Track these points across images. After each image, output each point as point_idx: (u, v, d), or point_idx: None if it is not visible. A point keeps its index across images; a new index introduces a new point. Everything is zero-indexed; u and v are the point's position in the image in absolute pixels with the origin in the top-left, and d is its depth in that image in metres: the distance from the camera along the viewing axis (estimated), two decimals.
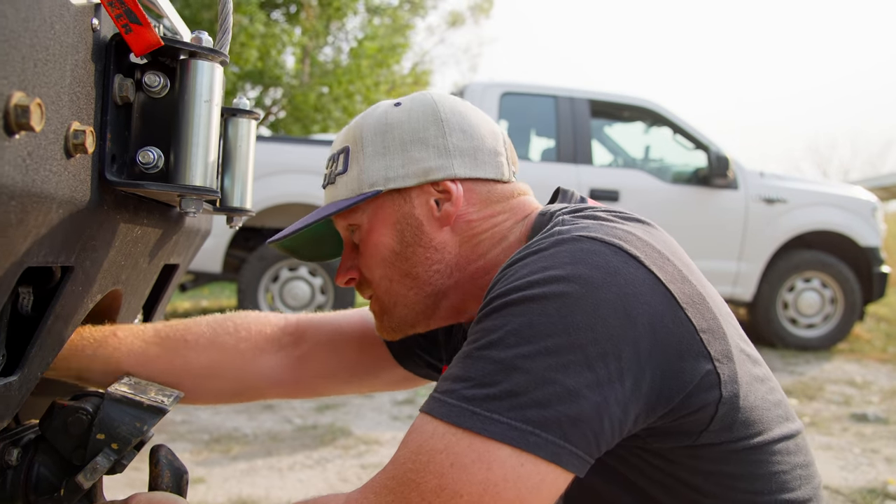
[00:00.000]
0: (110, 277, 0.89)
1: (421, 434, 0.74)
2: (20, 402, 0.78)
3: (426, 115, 0.94)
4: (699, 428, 0.78)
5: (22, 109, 0.53)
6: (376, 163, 0.93)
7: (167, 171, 0.81)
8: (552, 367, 0.70)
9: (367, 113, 0.99)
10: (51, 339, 0.79)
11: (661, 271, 0.77)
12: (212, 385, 1.11)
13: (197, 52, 0.79)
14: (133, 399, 0.93)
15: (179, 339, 1.09)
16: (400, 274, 0.95)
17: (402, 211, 0.94)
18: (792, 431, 0.86)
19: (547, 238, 0.80)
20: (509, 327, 0.73)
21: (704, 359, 0.76)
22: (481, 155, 0.95)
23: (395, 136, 0.93)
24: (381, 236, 0.94)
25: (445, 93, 1.01)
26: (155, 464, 0.96)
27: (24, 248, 0.61)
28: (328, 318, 1.20)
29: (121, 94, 0.75)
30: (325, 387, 1.22)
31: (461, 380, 0.74)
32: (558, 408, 0.70)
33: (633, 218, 0.88)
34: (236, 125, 1.02)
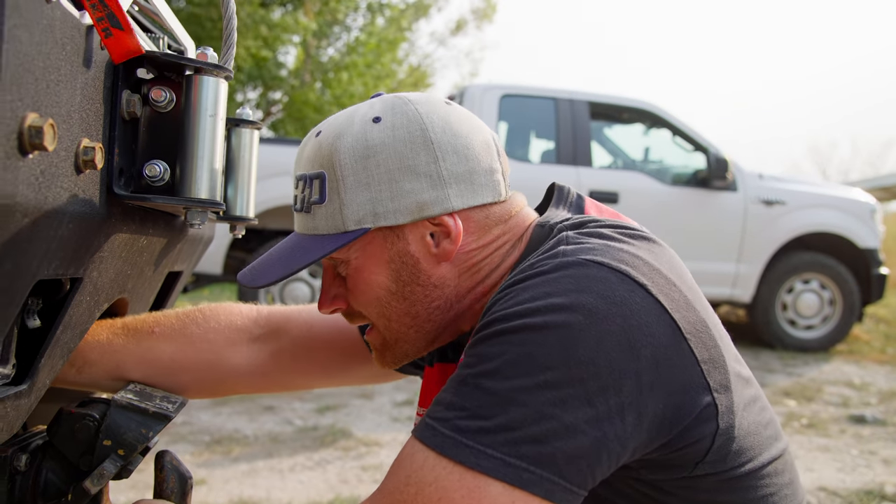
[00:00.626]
0: (117, 287, 0.91)
1: (411, 463, 0.72)
2: (30, 409, 0.80)
3: (413, 136, 0.83)
4: (695, 459, 0.76)
5: (35, 130, 0.55)
6: (360, 195, 0.83)
7: (173, 183, 0.83)
8: (550, 401, 0.68)
9: (338, 127, 0.86)
10: (59, 349, 0.81)
11: (668, 299, 0.75)
12: (181, 378, 1.07)
13: (202, 68, 0.81)
14: (139, 406, 0.95)
15: (146, 331, 1.05)
16: (399, 314, 0.89)
17: (395, 248, 0.85)
18: (780, 451, 0.86)
19: (550, 259, 0.77)
20: (507, 357, 0.70)
21: (704, 391, 0.75)
22: (478, 178, 0.86)
23: (379, 162, 0.82)
24: (375, 275, 0.87)
25: (429, 97, 0.90)
26: (160, 469, 0.98)
27: (35, 262, 0.63)
28: (301, 313, 1.16)
29: (128, 110, 0.77)
30: (298, 382, 1.19)
31: (455, 408, 0.71)
32: (555, 444, 0.68)
33: (640, 235, 0.84)
34: (239, 135, 1.04)
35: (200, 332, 1.08)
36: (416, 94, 0.89)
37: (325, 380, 1.20)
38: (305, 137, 0.90)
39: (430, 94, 0.90)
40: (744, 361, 0.89)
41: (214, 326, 1.09)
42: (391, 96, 0.88)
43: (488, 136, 0.90)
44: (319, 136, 0.87)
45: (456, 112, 0.88)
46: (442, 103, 0.88)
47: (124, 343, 1.04)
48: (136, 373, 1.04)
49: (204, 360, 1.08)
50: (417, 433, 0.74)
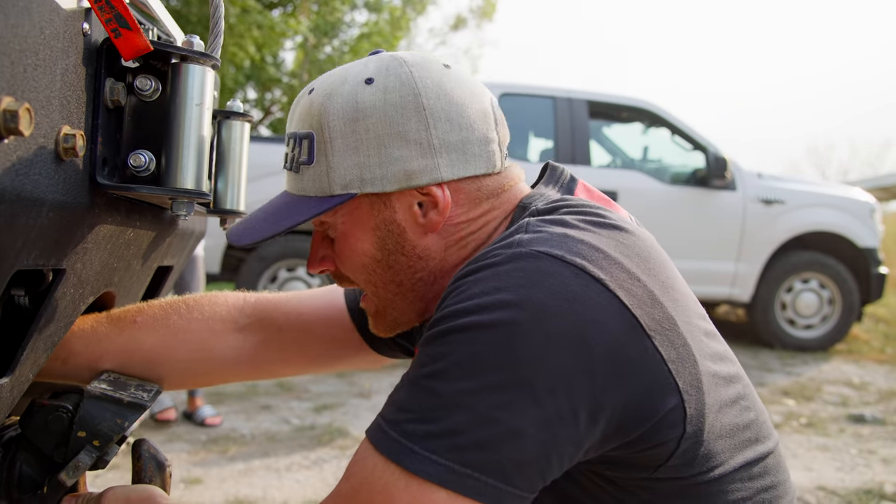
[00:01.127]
0: (103, 280, 0.90)
1: (363, 468, 0.71)
2: (12, 404, 0.79)
3: (405, 100, 0.79)
4: (657, 462, 0.73)
5: (11, 114, 0.54)
6: (348, 159, 0.80)
7: (158, 174, 0.81)
8: (496, 404, 0.65)
9: (330, 86, 0.83)
10: (42, 342, 0.79)
11: (628, 295, 0.70)
12: (165, 368, 1.04)
13: (188, 56, 0.80)
14: (113, 396, 0.93)
15: (129, 321, 1.02)
16: (384, 281, 0.87)
17: (381, 216, 0.83)
18: (759, 454, 0.80)
19: (504, 249, 0.73)
20: (454, 357, 0.67)
21: (672, 391, 0.70)
22: (471, 147, 0.82)
23: (368, 126, 0.79)
24: (360, 242, 0.85)
25: (427, 57, 0.85)
26: (137, 458, 0.96)
27: (13, 252, 0.62)
28: (291, 300, 1.13)
29: (112, 98, 0.76)
30: (288, 370, 1.16)
31: (404, 410, 0.69)
32: (501, 449, 0.65)
33: (610, 224, 0.79)
34: (230, 128, 1.03)
35: (183, 323, 1.05)
36: (413, 55, 0.85)
37: (315, 367, 1.17)
38: (299, 94, 0.88)
39: (429, 55, 0.86)
40: (730, 357, 0.84)
41: (198, 317, 1.07)
42: (388, 56, 0.84)
43: (487, 103, 0.85)
44: (311, 94, 0.84)
45: (454, 76, 0.83)
46: (439, 65, 0.84)
47: (107, 332, 1.01)
48: (118, 363, 1.02)
49: (187, 350, 1.05)
50: (370, 434, 0.72)
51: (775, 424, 3.91)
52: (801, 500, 2.90)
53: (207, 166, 0.84)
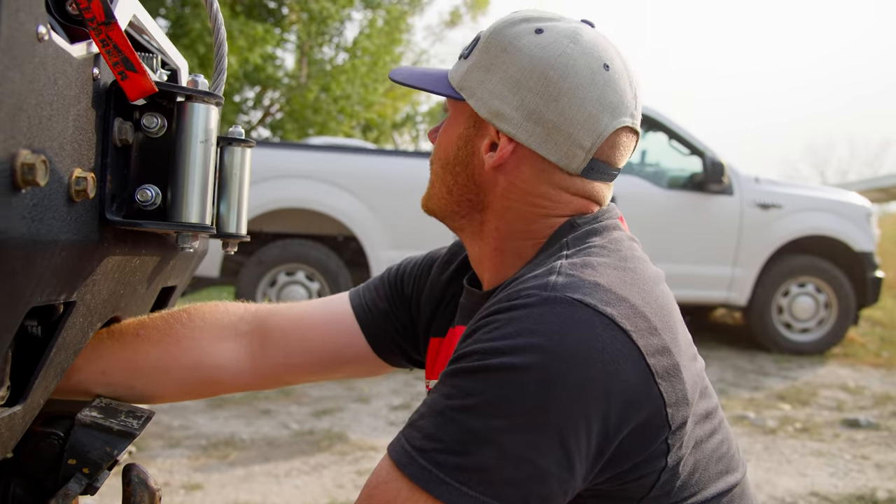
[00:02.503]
0: (110, 306, 0.93)
1: (386, 491, 0.74)
2: (24, 429, 0.82)
3: (541, 64, 0.86)
4: (640, 494, 0.79)
5: (28, 167, 0.57)
6: (478, 73, 0.90)
7: (164, 207, 0.84)
8: (525, 444, 0.70)
9: (523, 17, 0.91)
10: (53, 370, 0.82)
11: (646, 345, 0.76)
12: (169, 379, 1.06)
13: (193, 96, 0.83)
14: (103, 424, 0.94)
15: (131, 334, 1.05)
16: (441, 178, 0.97)
17: (469, 130, 0.93)
18: (729, 485, 0.87)
19: (539, 290, 0.76)
20: (486, 396, 0.71)
21: (663, 431, 0.77)
22: (556, 136, 0.87)
23: (506, 61, 0.88)
24: (447, 137, 0.96)
25: (598, 49, 0.88)
26: (127, 483, 0.97)
27: (29, 291, 0.65)
28: (293, 307, 1.16)
29: (120, 137, 0.79)
30: (292, 377, 1.17)
31: (433, 439, 0.73)
32: (527, 486, 0.70)
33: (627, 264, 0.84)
34: (231, 153, 1.05)
35: (185, 332, 1.07)
36: (593, 37, 0.90)
37: (319, 374, 1.18)
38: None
39: (607, 46, 0.90)
40: (711, 391, 0.91)
41: (200, 325, 1.08)
42: (573, 25, 0.90)
43: (612, 121, 0.88)
44: (515, 14, 0.93)
45: (606, 80, 0.87)
46: (601, 65, 0.87)
47: (109, 347, 1.03)
48: (122, 376, 1.03)
49: (190, 359, 1.06)
50: (395, 456, 0.75)
51: (770, 429, 3.94)
52: None
53: (212, 200, 0.87)
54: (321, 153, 5.59)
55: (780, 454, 3.56)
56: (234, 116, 15.45)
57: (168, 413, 3.87)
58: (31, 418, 0.82)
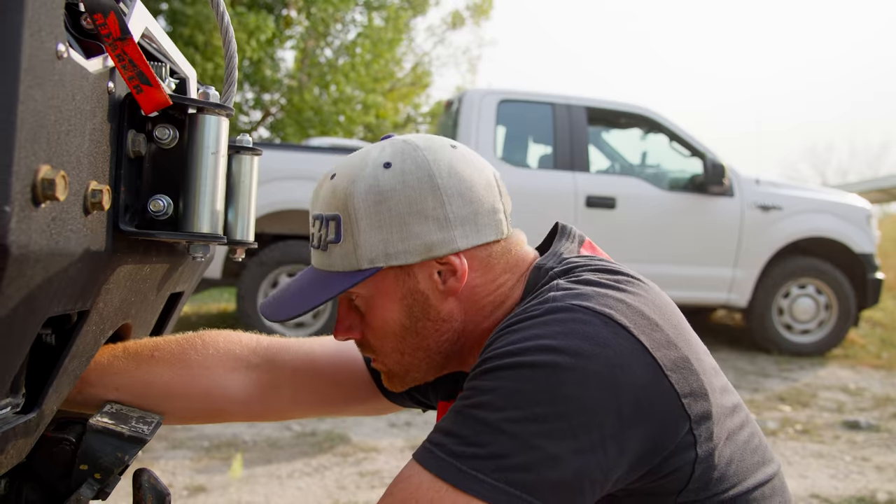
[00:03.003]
0: (121, 314, 0.94)
1: (408, 485, 0.78)
2: (38, 436, 0.83)
3: (421, 182, 0.89)
4: (678, 487, 0.82)
5: (48, 183, 0.58)
6: (373, 237, 0.89)
7: (176, 217, 0.86)
8: (537, 433, 0.74)
9: (352, 171, 0.92)
10: (67, 377, 0.84)
11: (649, 339, 0.80)
12: (178, 403, 1.09)
13: (204, 108, 0.84)
14: (114, 430, 0.95)
15: (146, 355, 1.07)
16: (412, 347, 0.96)
17: (406, 286, 0.92)
18: (768, 476, 0.90)
19: (541, 304, 0.83)
20: (500, 391, 0.77)
21: (684, 422, 0.80)
22: (481, 219, 0.92)
23: (390, 207, 0.88)
24: (390, 312, 0.94)
25: (435, 140, 0.95)
26: (138, 488, 0.99)
27: (46, 302, 0.66)
28: (303, 344, 1.19)
29: (134, 149, 0.80)
30: (296, 412, 1.21)
31: (451, 435, 0.78)
32: (540, 472, 0.74)
33: (624, 280, 0.89)
34: (240, 162, 1.07)
35: (199, 359, 1.10)
36: (423, 139, 0.94)
37: (324, 412, 1.23)
38: (320, 179, 0.97)
39: (436, 139, 0.95)
40: (732, 389, 0.94)
41: (213, 353, 1.11)
42: (400, 141, 0.94)
43: (490, 176, 0.95)
44: (334, 180, 0.93)
45: (461, 155, 0.93)
46: (448, 147, 0.94)
47: (124, 366, 1.05)
48: (133, 395, 1.06)
49: (200, 386, 1.10)
50: (417, 456, 0.80)
51: (771, 431, 3.95)
52: None
53: (223, 210, 0.88)
54: (323, 154, 5.61)
55: (780, 456, 3.57)
56: (234, 118, 15.44)
57: None
58: (45, 425, 0.84)
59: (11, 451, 0.77)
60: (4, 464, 0.77)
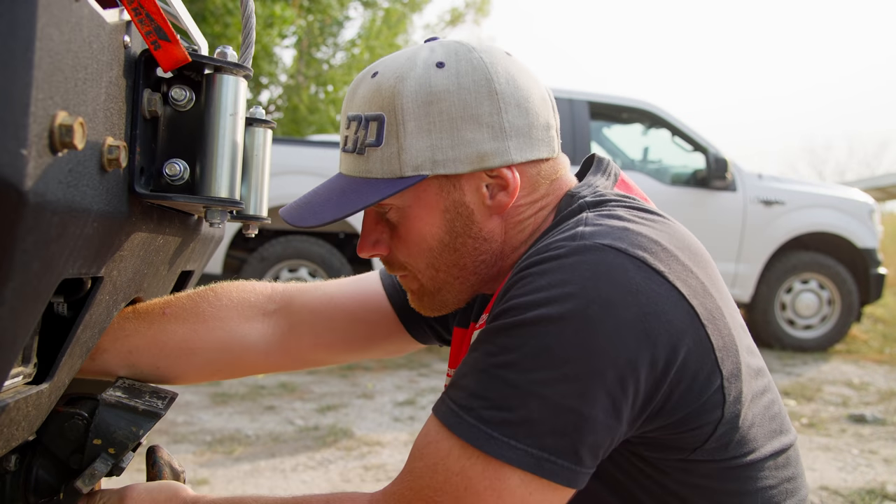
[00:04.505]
0: (134, 286, 0.91)
1: (438, 450, 0.74)
2: (50, 407, 0.80)
3: (479, 85, 0.81)
4: (694, 444, 0.77)
5: (66, 129, 0.55)
6: (420, 141, 0.81)
7: (192, 182, 0.82)
8: (569, 393, 0.69)
9: (399, 69, 0.83)
10: (79, 347, 0.81)
11: (685, 286, 0.75)
12: (196, 359, 1.04)
13: (222, 67, 0.81)
14: (128, 404, 0.93)
15: (157, 313, 1.02)
16: (447, 264, 0.88)
17: (450, 198, 0.84)
18: (784, 445, 0.85)
19: (568, 241, 0.75)
20: (526, 349, 0.71)
21: (715, 377, 0.75)
22: (536, 132, 0.84)
23: (442, 109, 0.80)
24: (429, 225, 0.85)
25: (492, 47, 0.87)
26: (152, 464, 0.97)
27: (61, 261, 0.63)
28: (319, 287, 1.14)
29: (149, 109, 0.77)
30: (319, 358, 1.15)
31: (478, 397, 0.73)
32: (574, 435, 0.70)
33: (659, 218, 0.84)
34: (253, 134, 1.04)
35: (212, 311, 1.05)
36: (478, 42, 0.87)
37: (347, 353, 1.16)
38: (358, 77, 0.88)
39: (491, 44, 0.88)
40: (757, 351, 0.88)
41: (227, 304, 1.06)
42: (453, 42, 0.86)
43: (544, 90, 0.89)
44: (377, 77, 0.84)
45: (517, 64, 0.86)
46: (503, 54, 0.86)
47: (135, 327, 1.01)
48: (148, 355, 1.01)
49: (217, 338, 1.04)
50: (442, 417, 0.75)
51: None
52: None
53: (240, 174, 0.85)
54: (323, 149, 5.57)
55: None
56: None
57: (172, 409, 3.85)
58: (57, 397, 0.81)
59: (23, 422, 0.74)
60: (17, 436, 0.74)
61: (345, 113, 0.88)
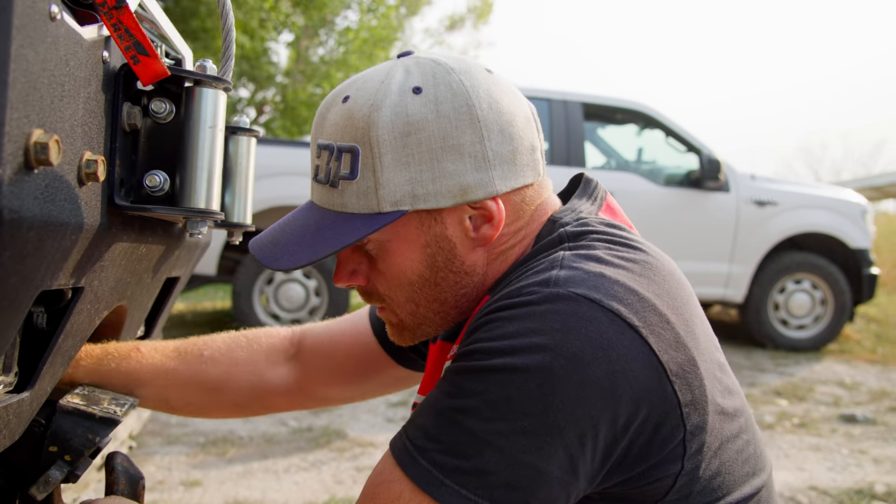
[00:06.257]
0: (116, 294, 0.92)
1: (388, 491, 0.72)
2: (31, 416, 0.81)
3: (459, 112, 0.76)
4: (655, 497, 0.75)
5: (41, 146, 0.56)
6: (399, 175, 0.76)
7: (173, 193, 0.84)
8: (526, 448, 0.67)
9: (373, 95, 0.77)
10: (60, 357, 0.82)
11: (658, 340, 0.71)
12: (226, 398, 1.13)
13: (201, 80, 0.82)
14: (85, 411, 0.93)
15: (196, 354, 1.12)
16: (428, 299, 0.85)
17: (432, 232, 0.80)
18: (755, 488, 0.82)
19: (541, 287, 0.72)
20: (487, 397, 0.68)
21: (679, 431, 0.72)
22: (521, 158, 0.80)
23: (421, 140, 0.76)
24: (409, 260, 0.82)
25: (469, 62, 0.82)
26: (110, 471, 0.97)
27: (39, 274, 0.64)
28: (324, 326, 1.20)
29: (129, 122, 0.78)
30: (331, 395, 1.20)
31: (433, 439, 0.70)
32: (528, 490, 0.68)
33: (640, 258, 0.79)
34: (237, 143, 1.05)
35: (245, 356, 1.14)
36: (455, 61, 0.81)
37: (351, 390, 1.20)
38: (328, 100, 0.83)
39: (470, 61, 0.82)
40: (737, 389, 0.85)
41: (257, 349, 1.15)
42: (429, 61, 0.80)
43: (528, 109, 0.84)
44: (348, 103, 0.79)
45: (498, 83, 0.81)
46: (484, 72, 0.81)
47: (175, 366, 1.10)
48: (183, 393, 1.11)
49: (247, 381, 1.14)
50: (397, 454, 0.73)
51: (768, 425, 3.95)
52: (792, 500, 2.94)
53: (220, 186, 0.86)
54: None
55: (778, 449, 3.57)
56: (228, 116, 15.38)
57: None
58: (39, 406, 0.82)
59: (4, 430, 0.75)
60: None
61: (314, 139, 0.84)
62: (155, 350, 1.11)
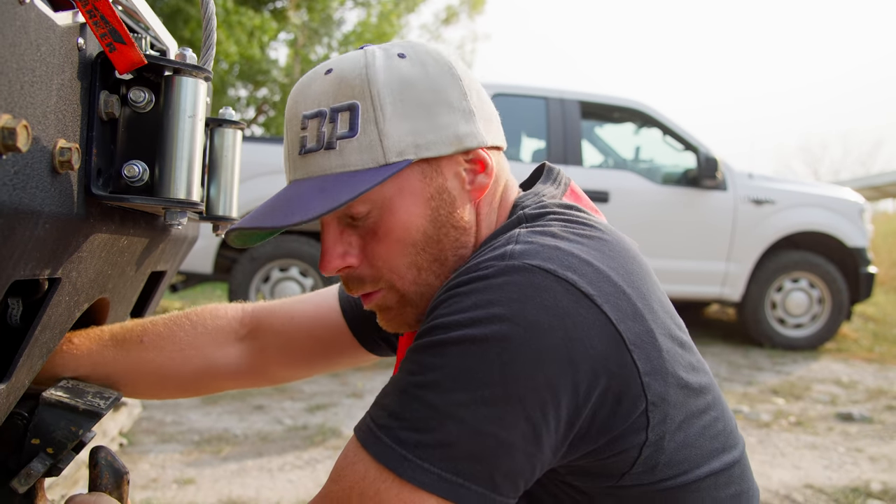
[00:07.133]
0: (97, 287, 0.91)
1: (353, 472, 0.72)
2: (8, 409, 0.80)
3: (443, 71, 0.82)
4: (622, 470, 0.75)
5: (9, 132, 0.55)
6: (401, 126, 0.78)
7: (152, 184, 0.83)
8: (488, 418, 0.67)
9: (357, 62, 0.81)
10: (38, 349, 0.81)
11: (614, 309, 0.72)
12: (171, 383, 1.10)
13: (181, 69, 0.81)
14: (68, 403, 0.92)
15: (135, 341, 1.06)
16: (429, 260, 0.83)
17: (434, 184, 0.81)
18: (726, 464, 0.82)
19: (496, 261, 0.73)
20: (447, 370, 0.69)
21: (641, 401, 0.73)
22: (495, 120, 0.86)
23: (415, 95, 0.79)
24: (415, 216, 0.81)
25: (437, 45, 0.88)
26: (94, 465, 0.96)
27: (10, 263, 0.63)
28: (284, 305, 1.16)
29: (106, 111, 0.77)
30: (286, 374, 1.19)
31: (396, 417, 0.70)
32: (491, 461, 0.68)
33: (596, 234, 0.80)
34: (222, 135, 1.04)
35: (188, 339, 1.09)
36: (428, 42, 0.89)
37: (313, 368, 1.19)
38: (305, 79, 0.84)
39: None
40: (703, 368, 0.84)
41: (202, 331, 1.11)
42: (398, 41, 0.87)
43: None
44: (335, 73, 0.81)
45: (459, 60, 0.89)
46: (446, 48, 0.88)
47: (114, 355, 1.05)
48: (126, 382, 1.06)
49: (192, 365, 1.09)
50: (360, 437, 0.73)
51: (765, 423, 3.94)
52: (788, 498, 2.94)
53: (199, 176, 0.85)
54: None
55: (774, 447, 3.56)
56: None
57: (160, 409, 3.85)
58: (17, 398, 0.81)
59: None
60: None
61: (296, 114, 0.83)
62: (90, 339, 1.05)
